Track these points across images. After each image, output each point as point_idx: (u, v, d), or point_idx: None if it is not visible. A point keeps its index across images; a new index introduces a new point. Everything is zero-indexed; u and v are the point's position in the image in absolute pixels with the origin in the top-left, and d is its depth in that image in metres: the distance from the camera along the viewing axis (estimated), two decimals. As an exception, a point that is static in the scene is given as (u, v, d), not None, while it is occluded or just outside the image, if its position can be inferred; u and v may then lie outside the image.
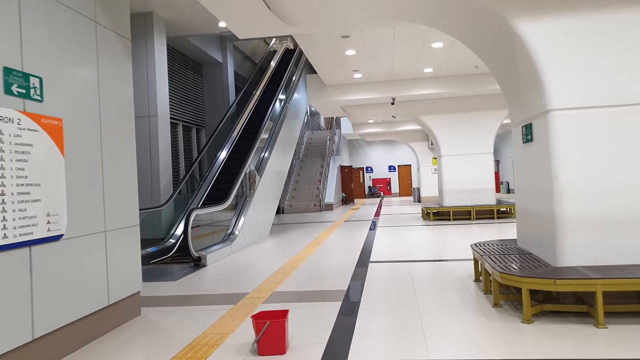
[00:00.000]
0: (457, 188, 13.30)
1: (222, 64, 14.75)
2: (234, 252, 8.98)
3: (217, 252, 8.23)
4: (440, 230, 11.07)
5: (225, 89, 14.74)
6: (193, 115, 13.91)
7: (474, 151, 13.27)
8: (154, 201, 10.09)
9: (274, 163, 12.32)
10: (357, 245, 9.07)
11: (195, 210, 7.64)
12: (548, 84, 4.36)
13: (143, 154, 10.13)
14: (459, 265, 6.64)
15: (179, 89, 13.06)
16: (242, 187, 10.49)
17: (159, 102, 10.23)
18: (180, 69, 13.29)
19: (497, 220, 12.69)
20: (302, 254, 8.43)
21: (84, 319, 3.95)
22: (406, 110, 13.57)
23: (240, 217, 9.83)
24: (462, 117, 13.30)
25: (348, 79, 12.06)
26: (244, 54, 16.90)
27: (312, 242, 9.97)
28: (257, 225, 10.64)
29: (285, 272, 6.79)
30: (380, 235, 10.44)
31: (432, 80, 12.33)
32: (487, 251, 5.29)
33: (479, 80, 12.14)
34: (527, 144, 5.04)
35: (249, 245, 9.89)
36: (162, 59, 10.53)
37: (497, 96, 13.00)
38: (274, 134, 12.96)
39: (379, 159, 30.64)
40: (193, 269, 7.50)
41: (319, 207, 19.77)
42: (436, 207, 13.21)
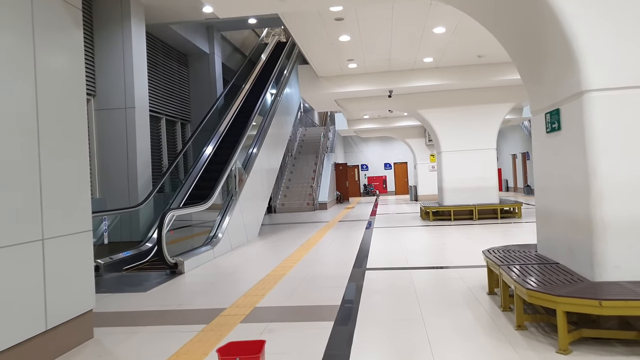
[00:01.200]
0: (458, 186, 12.55)
1: (209, 55, 13.90)
2: (217, 256, 8.18)
3: (197, 257, 7.42)
4: (441, 231, 10.31)
5: (212, 81, 13.90)
6: (178, 109, 13.07)
7: (476, 147, 12.52)
8: (131, 200, 9.26)
9: (263, 160, 11.52)
10: (352, 249, 8.28)
11: (172, 211, 6.83)
12: (584, 58, 3.59)
13: (119, 150, 9.29)
14: (467, 273, 5.87)
15: (162, 80, 12.22)
16: (227, 185, 9.68)
17: (137, 93, 9.40)
18: (164, 59, 12.44)
19: (500, 220, 11.94)
20: (291, 258, 7.64)
21: (6, 352, 3.13)
22: (404, 104, 12.80)
23: (225, 218, 9.02)
24: (463, 110, 12.54)
25: (342, 69, 11.27)
26: (233, 45, 16.06)
27: (303, 244, 9.19)
28: (244, 226, 9.84)
29: (271, 281, 6.00)
30: (377, 237, 9.66)
31: (432, 71, 11.56)
32: (504, 259, 4.52)
33: (482, 71, 11.38)
34: (552, 134, 4.27)
35: (235, 248, 9.09)
36: (141, 47, 9.69)
37: (501, 88, 12.25)
38: (263, 129, 12.15)
39: (375, 156, 29.88)
40: (169, 276, 6.70)
41: (312, 206, 18.98)
42: (436, 207, 12.46)
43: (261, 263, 7.43)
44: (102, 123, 9.31)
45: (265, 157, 11.73)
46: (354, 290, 5.30)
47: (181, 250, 7.63)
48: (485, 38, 9.18)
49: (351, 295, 5.08)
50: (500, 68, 11.33)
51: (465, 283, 5.35)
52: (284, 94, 14.46)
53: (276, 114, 13.27)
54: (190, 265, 7.07)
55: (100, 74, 9.35)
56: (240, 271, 6.85)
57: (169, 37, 12.19)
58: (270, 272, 6.55)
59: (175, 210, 6.95)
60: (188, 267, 7.01)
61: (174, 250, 7.60)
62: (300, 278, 6.06)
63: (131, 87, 9.28)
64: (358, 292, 5.18)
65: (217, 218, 9.15)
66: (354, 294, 5.10)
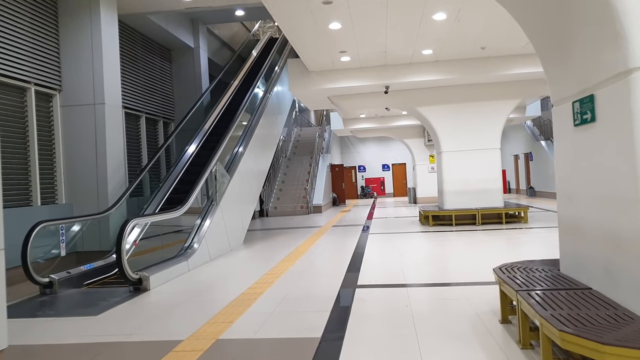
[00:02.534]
0: (460, 189, 11.70)
1: (194, 50, 13.06)
2: (192, 269, 7.32)
3: (167, 271, 6.56)
4: (442, 238, 9.46)
5: (197, 77, 13.05)
6: (159, 107, 12.22)
7: (479, 147, 11.68)
8: (100, 206, 8.41)
9: (249, 161, 10.66)
10: (344, 260, 7.43)
11: (135, 219, 5.97)
12: (632, 27, 2.74)
13: (87, 150, 8.44)
14: (473, 292, 5.02)
15: (141, 75, 11.37)
16: (207, 189, 8.83)
17: (108, 88, 8.55)
18: (144, 53, 11.59)
19: (505, 225, 11.09)
20: (275, 271, 6.79)
21: None
22: (401, 101, 11.95)
23: (203, 225, 8.16)
24: (464, 108, 11.70)
25: (335, 63, 10.42)
26: (220, 40, 15.21)
27: (291, 254, 8.33)
28: (226, 233, 8.98)
29: (245, 301, 5.14)
30: (372, 246, 8.80)
31: (431, 65, 10.72)
32: (522, 282, 3.67)
33: (485, 65, 10.54)
34: (582, 127, 3.42)
35: (215, 258, 8.23)
36: (112, 37, 8.84)
37: (505, 84, 11.41)
38: (250, 128, 11.30)
39: (372, 157, 29.03)
40: (131, 294, 5.84)
41: (306, 209, 18.13)
42: (436, 211, 11.61)
43: (240, 277, 6.58)
44: (69, 120, 8.46)
45: (251, 158, 10.88)
46: (340, 315, 4.44)
47: (150, 262, 6.77)
48: (490, 26, 8.36)
49: (336, 323, 4.22)
50: (505, 61, 10.49)
51: (472, 306, 4.50)
52: (274, 91, 13.61)
53: (266, 112, 12.43)
54: (157, 281, 6.21)
55: (66, 67, 8.50)
56: (214, 288, 6.00)
57: (149, 29, 11.34)
58: (247, 290, 5.69)
59: (138, 218, 6.09)
60: (155, 283, 6.15)
61: (143, 263, 6.77)
62: (279, 298, 5.21)
63: (100, 81, 8.43)
64: (345, 318, 4.32)
65: (196, 224, 8.29)
66: (339, 322, 4.24)
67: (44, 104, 8.28)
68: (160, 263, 6.75)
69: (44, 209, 7.84)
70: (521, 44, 9.63)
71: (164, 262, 6.84)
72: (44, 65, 8.13)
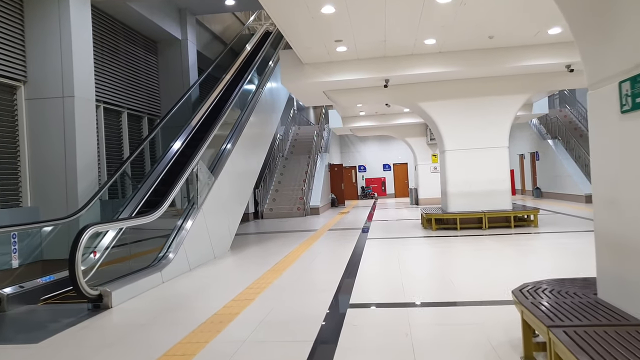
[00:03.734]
0: (465, 190, 10.90)
1: (182, 42, 12.28)
2: (167, 280, 6.53)
3: (136, 284, 5.78)
4: (447, 245, 8.66)
5: (185, 71, 12.27)
6: (144, 102, 11.45)
7: (485, 145, 10.87)
8: (69, 209, 7.63)
9: (238, 160, 9.88)
10: (337, 270, 6.63)
11: (93, 227, 5.17)
12: None
13: (54, 147, 7.67)
14: (485, 314, 4.22)
15: (124, 68, 10.60)
16: (188, 190, 8.05)
17: (78, 79, 7.78)
18: (126, 44, 10.82)
19: (514, 229, 10.28)
20: (258, 284, 6.00)
21: None
22: (402, 96, 11.15)
23: (181, 231, 7.37)
24: (470, 103, 10.89)
25: (330, 54, 9.62)
26: (211, 32, 14.42)
27: (279, 262, 7.54)
28: (210, 239, 8.19)
29: (217, 324, 4.35)
30: (369, 253, 8.01)
31: (434, 56, 9.91)
32: (552, 312, 2.87)
33: (493, 56, 9.72)
34: (633, 115, 2.62)
35: (195, 268, 7.45)
36: (84, 24, 8.06)
37: (515, 77, 10.59)
38: (239, 124, 10.51)
39: (373, 156, 28.21)
40: (89, 313, 5.07)
41: (303, 211, 17.34)
42: (439, 214, 10.80)
43: (218, 291, 5.79)
44: (35, 115, 7.69)
45: (241, 158, 10.09)
46: (326, 345, 3.65)
47: (119, 274, 5.99)
48: (499, 11, 7.56)
49: (321, 356, 3.43)
50: (514, 52, 9.68)
51: (485, 334, 3.70)
52: (268, 87, 12.83)
53: (258, 109, 11.65)
54: (122, 296, 5.43)
55: (32, 56, 7.72)
56: (185, 305, 5.21)
57: (132, 19, 10.57)
58: (222, 309, 4.90)
59: (98, 225, 5.30)
60: (119, 299, 5.36)
61: (115, 274, 6.00)
62: (256, 321, 4.41)
63: (70, 72, 7.66)
64: (330, 354, 3.53)
65: (174, 230, 7.50)
66: (325, 355, 3.45)
67: (7, 96, 7.51)
68: (128, 275, 5.96)
69: (4, 213, 7.07)
70: (532, 33, 8.83)
71: (133, 273, 6.05)
72: (6, 53, 7.36)
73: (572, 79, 10.49)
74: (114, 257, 7.42)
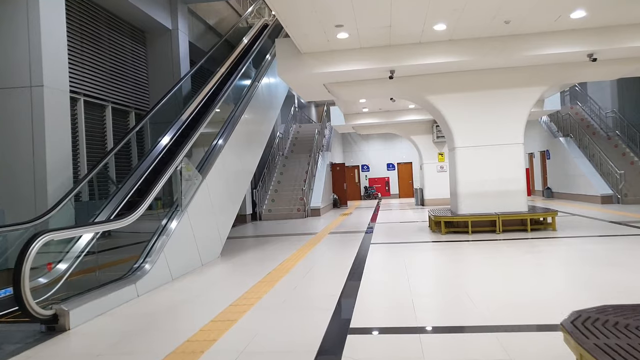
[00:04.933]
0: (477, 190, 10.06)
1: (172, 32, 11.48)
2: (143, 293, 5.73)
3: (103, 300, 4.98)
4: (459, 251, 7.83)
5: (176, 63, 11.48)
6: (131, 96, 10.66)
7: (499, 141, 10.03)
8: (38, 210, 6.84)
9: (231, 159, 9.08)
10: (336, 284, 5.82)
11: (47, 234, 4.36)
12: None
13: (20, 142, 6.88)
14: (515, 343, 3.39)
15: (108, 59, 9.82)
16: (171, 191, 7.25)
17: (48, 67, 6.99)
18: (112, 34, 10.04)
19: (531, 233, 9.43)
20: (245, 299, 5.20)
21: None
22: (408, 88, 10.31)
23: (162, 236, 6.57)
24: (483, 96, 10.05)
25: (331, 42, 8.81)
26: (206, 23, 13.61)
27: (272, 272, 6.73)
28: (196, 245, 7.39)
29: (186, 356, 3.54)
30: (373, 262, 7.19)
31: (444, 45, 9.08)
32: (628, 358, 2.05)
33: (509, 44, 8.89)
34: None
35: (179, 278, 6.64)
36: (56, 7, 7.27)
37: (532, 68, 9.74)
38: (232, 120, 9.72)
39: (377, 155, 27.36)
40: (42, 336, 4.28)
41: (303, 212, 16.52)
42: (449, 216, 9.95)
43: (197, 309, 4.99)
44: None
45: (234, 156, 9.29)
46: (317, 393, 2.84)
47: (86, 287, 5.20)
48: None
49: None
50: (532, 40, 8.84)
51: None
52: (265, 81, 12.04)
53: (254, 105, 10.86)
54: (84, 316, 4.63)
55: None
56: (155, 327, 4.40)
57: (117, 6, 9.79)
58: (197, 334, 4.09)
59: (53, 233, 4.49)
60: (80, 319, 4.56)
61: (83, 287, 5.23)
62: (234, 352, 3.60)
63: (38, 59, 6.87)
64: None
65: (154, 234, 6.70)
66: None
67: (-32, 86, 6.73)
68: (94, 290, 5.16)
69: (-38, 216, 6.29)
70: (553, 17, 7.99)
71: (101, 287, 5.25)
72: (-33, 38, 6.59)
73: (594, 70, 9.64)
74: (88, 266, 6.64)
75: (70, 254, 6.51)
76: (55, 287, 5.83)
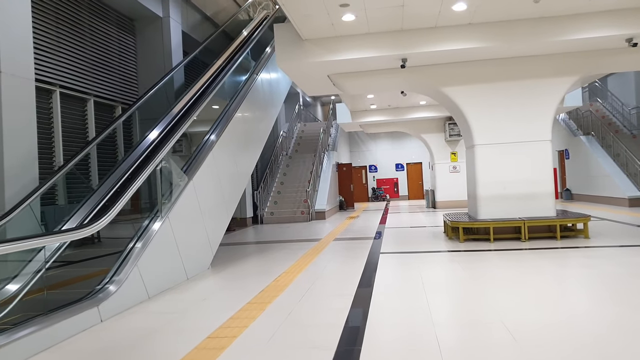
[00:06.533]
0: (499, 193, 9.01)
1: (163, 20, 10.54)
2: (109, 317, 4.76)
3: (50, 330, 4.01)
4: (483, 263, 6.79)
5: (167, 54, 10.53)
6: (117, 89, 9.73)
7: (524, 138, 8.99)
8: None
9: (222, 159, 8.12)
10: (339, 309, 4.81)
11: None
12: None
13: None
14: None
15: (90, 48, 8.89)
16: (150, 194, 6.30)
17: (8, 51, 6.04)
18: (95, 21, 9.11)
19: (561, 241, 8.36)
20: (226, 330, 4.21)
21: None
22: (422, 79, 9.29)
23: (135, 248, 5.59)
24: (506, 88, 9.01)
25: (335, 26, 7.81)
26: (202, 12, 12.66)
27: (266, 289, 5.75)
28: (180, 256, 6.41)
29: None
30: (384, 279, 6.18)
31: (463, 29, 8.04)
32: None
33: (537, 28, 7.83)
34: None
35: (156, 295, 5.68)
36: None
37: (562, 56, 8.69)
38: (224, 116, 8.76)
39: (385, 155, 26.29)
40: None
41: (307, 215, 15.53)
42: (467, 222, 8.91)
43: (166, 342, 4.00)
44: (-49, 97, 5.96)
45: (226, 156, 8.33)
46: None
47: (52, 305, 4.25)
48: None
49: None
50: (565, 23, 7.78)
51: None
52: (264, 75, 11.07)
53: (251, 100, 9.91)
54: (20, 353, 3.66)
55: (-52, 21, 6.00)
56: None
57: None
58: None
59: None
60: (13, 357, 3.60)
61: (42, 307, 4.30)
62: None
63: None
64: None
65: (128, 243, 5.73)
66: None
67: None
68: (43, 315, 4.19)
69: None
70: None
71: (50, 313, 4.28)
72: None
73: (633, 57, 8.56)
74: (55, 281, 5.71)
75: (29, 268, 5.57)
76: (5, 309, 4.87)
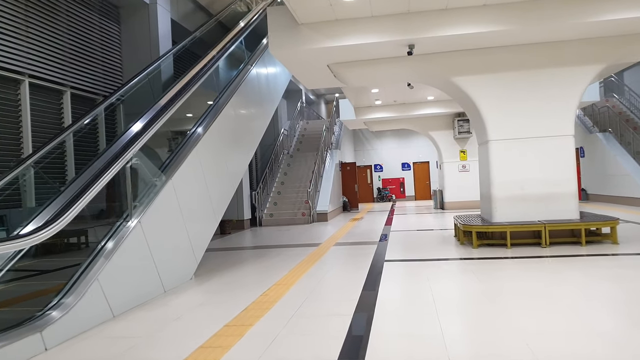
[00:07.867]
0: (515, 193, 8.16)
1: (149, 6, 9.77)
2: (57, 344, 3.97)
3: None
4: (501, 273, 5.95)
5: (154, 44, 9.75)
6: (98, 81, 8.97)
7: (543, 133, 8.13)
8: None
9: (208, 158, 7.32)
10: (335, 334, 3.99)
11: None
12: None
13: None
14: None
15: (67, 37, 8.14)
16: (118, 196, 5.51)
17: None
18: (75, 7, 8.36)
19: (586, 247, 7.50)
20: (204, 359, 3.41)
21: None
22: (430, 68, 8.45)
23: (97, 259, 4.80)
24: (523, 77, 8.15)
25: (335, 8, 7.00)
26: (194, 1, 11.87)
27: (251, 305, 4.94)
28: (155, 267, 5.62)
29: None
30: (389, 293, 5.35)
31: (477, 11, 7.19)
32: None
33: (560, 10, 6.97)
34: None
35: (124, 313, 4.89)
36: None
37: (588, 42, 7.81)
38: (211, 111, 7.97)
39: (390, 154, 25.41)
40: None
41: (308, 217, 14.71)
42: (481, 225, 8.06)
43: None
44: None
45: (212, 153, 7.54)
46: None
47: None
48: None
49: None
50: (588, 2, 6.91)
51: None
52: (260, 69, 10.28)
53: (244, 94, 9.13)
54: None
55: None
56: None
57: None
58: None
59: None
60: None
61: None
62: None
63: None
64: None
65: (88, 256, 4.94)
66: None
67: None
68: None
69: None
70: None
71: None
72: None
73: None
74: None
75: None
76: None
